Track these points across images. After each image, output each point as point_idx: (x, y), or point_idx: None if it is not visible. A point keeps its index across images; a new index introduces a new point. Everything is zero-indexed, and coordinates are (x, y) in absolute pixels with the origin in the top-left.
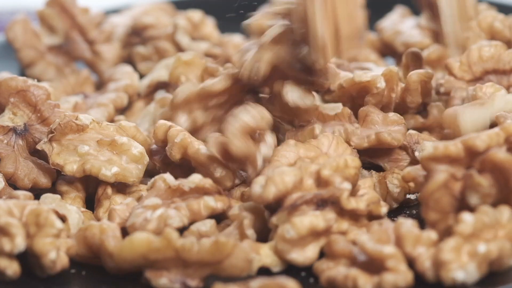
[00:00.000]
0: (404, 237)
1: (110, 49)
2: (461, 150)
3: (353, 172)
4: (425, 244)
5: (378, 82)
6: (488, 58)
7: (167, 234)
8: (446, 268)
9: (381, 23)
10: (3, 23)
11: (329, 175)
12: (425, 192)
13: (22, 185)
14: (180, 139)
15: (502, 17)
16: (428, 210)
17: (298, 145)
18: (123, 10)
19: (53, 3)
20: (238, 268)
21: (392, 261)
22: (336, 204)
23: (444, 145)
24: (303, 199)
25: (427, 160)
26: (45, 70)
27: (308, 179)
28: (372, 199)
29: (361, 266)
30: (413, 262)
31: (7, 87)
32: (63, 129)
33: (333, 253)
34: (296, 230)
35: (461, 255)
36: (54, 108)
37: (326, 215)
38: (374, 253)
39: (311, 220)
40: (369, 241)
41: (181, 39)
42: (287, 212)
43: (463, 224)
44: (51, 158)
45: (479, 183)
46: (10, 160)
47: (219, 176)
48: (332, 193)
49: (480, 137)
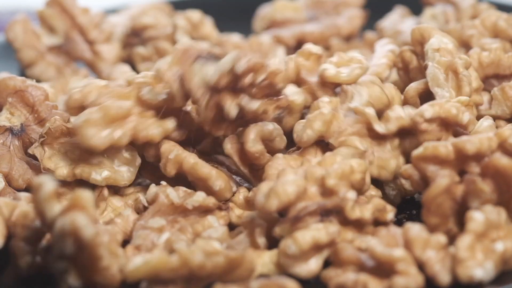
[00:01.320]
0: (413, 241)
1: (110, 49)
2: (451, 152)
3: (359, 177)
4: (435, 248)
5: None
6: (488, 64)
7: (184, 254)
8: (464, 265)
9: (381, 23)
10: (3, 23)
11: (334, 185)
12: (427, 196)
13: (16, 186)
14: (174, 155)
15: (506, 16)
16: (429, 214)
17: (287, 157)
18: (121, 10)
19: (53, 3)
20: (241, 277)
21: (402, 264)
22: (340, 214)
23: (434, 145)
24: (306, 211)
25: (417, 160)
26: (45, 70)
27: (312, 186)
28: (378, 206)
29: (370, 271)
30: (423, 265)
31: (5, 86)
32: (54, 133)
33: (340, 261)
34: (298, 245)
35: (476, 253)
36: (51, 109)
37: (329, 228)
38: (383, 257)
39: (313, 235)
40: (378, 245)
41: (181, 39)
42: (290, 224)
43: (475, 222)
44: (42, 162)
45: (482, 189)
46: (5, 160)
47: (218, 190)
48: (336, 203)
49: (471, 140)
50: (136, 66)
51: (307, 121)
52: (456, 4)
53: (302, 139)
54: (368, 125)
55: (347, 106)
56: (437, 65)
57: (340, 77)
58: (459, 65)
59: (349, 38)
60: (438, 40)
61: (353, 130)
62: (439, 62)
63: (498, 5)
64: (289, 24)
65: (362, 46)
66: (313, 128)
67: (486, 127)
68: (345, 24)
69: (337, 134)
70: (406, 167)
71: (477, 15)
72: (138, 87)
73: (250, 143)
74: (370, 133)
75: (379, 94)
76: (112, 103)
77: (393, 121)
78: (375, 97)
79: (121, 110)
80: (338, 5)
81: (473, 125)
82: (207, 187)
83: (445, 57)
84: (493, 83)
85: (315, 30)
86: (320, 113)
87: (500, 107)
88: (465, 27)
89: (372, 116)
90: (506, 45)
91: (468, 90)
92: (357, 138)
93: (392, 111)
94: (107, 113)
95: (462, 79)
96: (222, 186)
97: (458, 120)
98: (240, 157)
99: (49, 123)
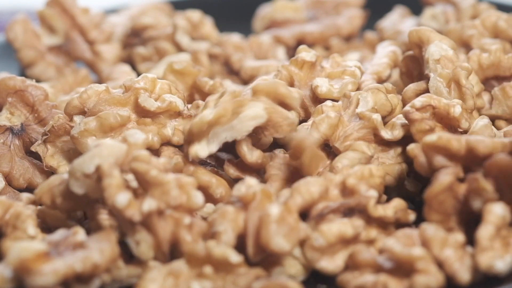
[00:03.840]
0: (431, 240)
1: (110, 49)
2: (463, 148)
3: (378, 181)
4: (453, 246)
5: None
6: (488, 66)
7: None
8: (486, 254)
9: (381, 23)
10: (3, 23)
11: (355, 184)
12: (429, 193)
13: (17, 185)
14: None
15: (506, 16)
16: (431, 211)
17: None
18: (121, 10)
19: (53, 3)
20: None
21: (422, 262)
22: (363, 213)
23: (448, 137)
24: (329, 208)
25: (428, 147)
26: (45, 70)
27: (334, 189)
28: (400, 206)
29: (389, 272)
30: (442, 264)
31: (5, 86)
32: (57, 131)
33: (357, 264)
34: (325, 237)
35: (496, 245)
36: (51, 108)
37: (354, 222)
38: (403, 256)
39: (340, 228)
40: (397, 245)
41: (181, 39)
42: (315, 222)
43: (494, 215)
44: (45, 160)
45: (484, 188)
46: (5, 160)
47: (219, 197)
48: (359, 201)
49: (485, 142)
50: (136, 66)
51: (313, 124)
52: (456, 4)
53: None
54: (374, 131)
55: (351, 111)
56: (439, 78)
57: (332, 94)
58: (461, 76)
59: (349, 38)
60: (438, 47)
61: (359, 135)
62: (441, 75)
63: (498, 5)
64: (289, 24)
65: (362, 46)
66: (320, 131)
67: (482, 126)
68: (345, 24)
69: (342, 138)
70: (413, 146)
71: (477, 15)
72: (136, 93)
73: (247, 155)
74: (375, 139)
75: (384, 101)
76: (109, 112)
77: (399, 128)
78: (380, 104)
79: (118, 119)
80: (338, 5)
81: (465, 120)
82: (208, 195)
83: (447, 69)
84: (493, 84)
85: (315, 30)
86: (327, 116)
87: (501, 107)
88: (465, 27)
89: (379, 122)
90: (506, 45)
91: (472, 103)
92: (364, 143)
93: (398, 118)
94: (104, 122)
95: (465, 93)
96: (223, 194)
97: (450, 112)
98: (247, 171)
99: (53, 121)
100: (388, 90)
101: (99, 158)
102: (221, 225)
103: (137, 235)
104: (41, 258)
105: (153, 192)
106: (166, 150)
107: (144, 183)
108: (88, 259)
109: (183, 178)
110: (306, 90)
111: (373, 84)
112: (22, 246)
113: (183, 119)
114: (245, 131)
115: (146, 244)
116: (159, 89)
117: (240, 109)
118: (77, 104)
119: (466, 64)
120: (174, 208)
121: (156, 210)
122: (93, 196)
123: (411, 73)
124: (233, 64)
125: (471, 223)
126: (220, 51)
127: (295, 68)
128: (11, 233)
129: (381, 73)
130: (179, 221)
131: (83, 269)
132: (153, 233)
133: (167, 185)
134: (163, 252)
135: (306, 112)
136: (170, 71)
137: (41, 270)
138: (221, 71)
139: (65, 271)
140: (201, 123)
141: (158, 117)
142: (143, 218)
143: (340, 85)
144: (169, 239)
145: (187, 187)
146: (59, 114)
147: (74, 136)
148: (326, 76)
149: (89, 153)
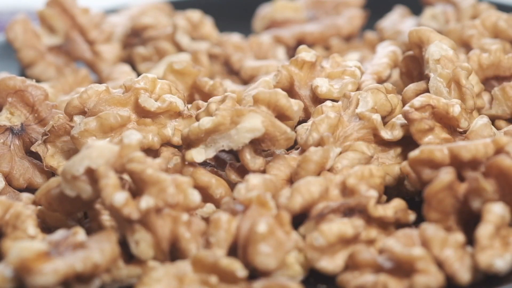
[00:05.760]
0: (431, 240)
1: (110, 49)
2: (446, 157)
3: (378, 181)
4: (453, 246)
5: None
6: (488, 66)
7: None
8: (486, 253)
9: (381, 23)
10: (3, 23)
11: (355, 184)
12: (429, 191)
13: (17, 185)
14: (173, 164)
15: (506, 16)
16: (430, 210)
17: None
18: (121, 10)
19: (53, 3)
20: None
21: (422, 262)
22: (364, 213)
23: (429, 149)
24: (329, 208)
25: (413, 162)
26: (45, 70)
27: (334, 189)
28: (400, 206)
29: (388, 272)
30: (442, 264)
31: (5, 86)
32: (57, 131)
33: (357, 264)
34: (325, 237)
35: (495, 244)
36: (51, 108)
37: (354, 222)
38: (403, 256)
39: (340, 227)
40: (397, 245)
41: (181, 39)
42: (315, 221)
43: (493, 214)
44: (45, 160)
45: (484, 188)
46: (5, 160)
47: (219, 198)
48: (359, 201)
49: (467, 146)
50: (136, 66)
51: (312, 124)
52: (456, 4)
53: (308, 142)
54: (374, 131)
55: (351, 112)
56: (439, 78)
57: (332, 94)
58: (462, 76)
59: (349, 38)
60: (438, 48)
61: (359, 136)
62: (441, 75)
63: (498, 5)
64: (289, 24)
65: (362, 46)
66: (319, 131)
67: (481, 125)
68: (345, 24)
69: (342, 138)
70: (405, 164)
71: (477, 15)
72: (136, 93)
73: (250, 164)
74: (375, 139)
75: (384, 102)
76: (109, 112)
77: (399, 128)
78: (380, 104)
79: (118, 119)
80: (338, 5)
81: (464, 120)
82: (208, 195)
83: (447, 69)
84: (493, 84)
85: (315, 30)
86: (327, 116)
87: (501, 107)
88: (465, 27)
89: (379, 123)
90: (506, 45)
91: (472, 103)
92: (364, 143)
93: (397, 118)
94: (104, 122)
95: (465, 93)
96: (222, 194)
97: (449, 111)
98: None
99: (53, 121)
100: (388, 90)
101: (88, 160)
102: (213, 237)
103: (136, 235)
104: (41, 258)
105: (150, 191)
106: (165, 151)
107: (141, 182)
108: (88, 259)
109: (179, 178)
110: (306, 90)
111: (373, 84)
112: (23, 246)
113: (183, 119)
114: (242, 142)
115: (145, 243)
116: (159, 89)
117: (239, 119)
118: (77, 104)
119: (466, 64)
120: (172, 206)
121: (154, 208)
122: (86, 198)
123: (411, 73)
124: (233, 64)
125: (469, 224)
126: (220, 51)
127: (295, 68)
128: (11, 233)
129: (381, 73)
130: (177, 218)
131: (84, 269)
132: (152, 232)
133: (163, 183)
134: (162, 251)
135: (306, 112)
136: (170, 71)
137: (41, 269)
138: (221, 71)
139: (65, 271)
140: (199, 130)
141: (158, 117)
142: (141, 216)
143: (340, 85)
144: (168, 237)
145: (183, 185)
146: (59, 114)
147: (74, 136)
148: (326, 76)
149: (79, 155)
